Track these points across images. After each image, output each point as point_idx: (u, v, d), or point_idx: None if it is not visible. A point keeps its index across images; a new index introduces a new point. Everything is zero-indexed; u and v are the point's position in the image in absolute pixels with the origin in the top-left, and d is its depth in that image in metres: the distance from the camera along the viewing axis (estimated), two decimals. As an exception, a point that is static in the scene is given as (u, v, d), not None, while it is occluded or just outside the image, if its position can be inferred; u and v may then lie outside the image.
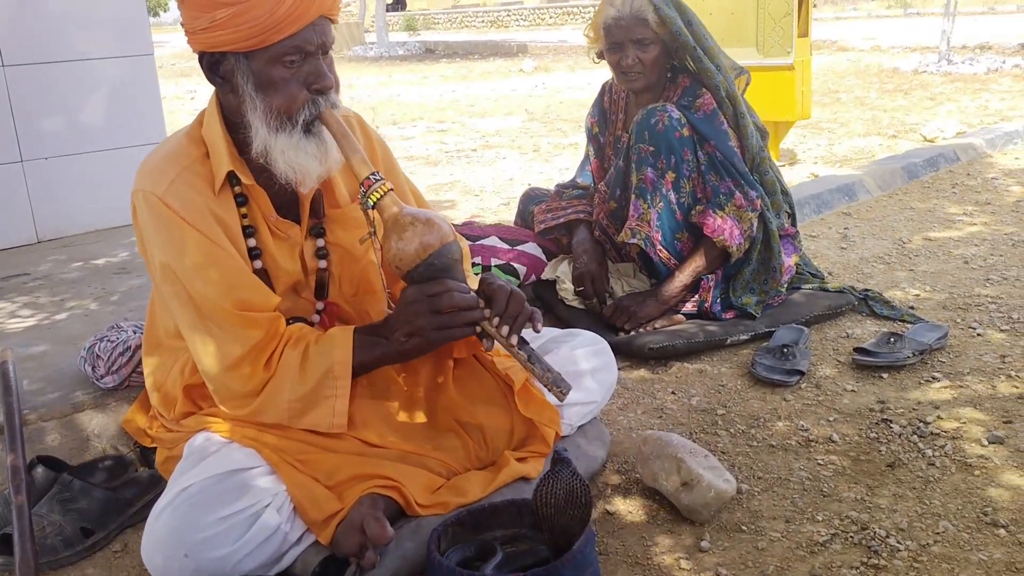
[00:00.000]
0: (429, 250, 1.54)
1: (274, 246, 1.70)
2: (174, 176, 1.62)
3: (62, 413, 2.02)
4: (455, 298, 1.56)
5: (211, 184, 1.64)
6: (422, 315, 1.57)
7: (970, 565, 1.54)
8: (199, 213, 1.61)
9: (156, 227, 1.61)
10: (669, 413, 2.20)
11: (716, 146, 2.57)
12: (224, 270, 1.61)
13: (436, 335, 1.59)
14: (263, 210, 1.68)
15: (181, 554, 1.47)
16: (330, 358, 1.61)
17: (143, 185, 1.63)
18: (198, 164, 1.64)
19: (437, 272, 1.57)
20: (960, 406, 2.12)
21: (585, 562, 1.49)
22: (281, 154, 1.58)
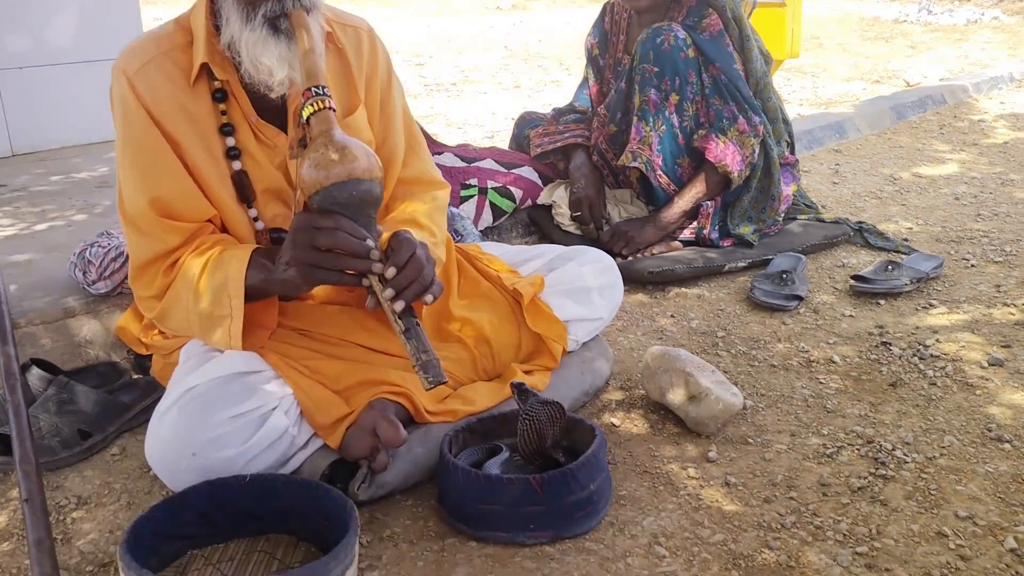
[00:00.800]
0: (332, 179, 1.38)
1: (257, 150, 1.60)
2: (149, 59, 1.53)
3: (53, 318, 1.96)
4: (338, 237, 1.39)
5: (188, 75, 1.55)
6: (302, 246, 1.41)
7: (977, 476, 1.56)
8: (163, 102, 1.53)
9: (118, 107, 1.55)
10: (669, 335, 2.19)
11: (721, 68, 2.53)
12: (153, 169, 1.53)
13: (309, 272, 1.42)
14: (244, 109, 1.58)
15: (189, 453, 1.44)
16: (225, 274, 1.49)
17: (119, 62, 1.55)
18: (178, 52, 1.55)
19: (335, 206, 1.40)
20: (958, 331, 2.14)
21: (599, 466, 1.49)
22: (245, 47, 1.48)
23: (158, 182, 1.53)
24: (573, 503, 1.44)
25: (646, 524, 1.47)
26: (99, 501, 1.57)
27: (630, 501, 1.53)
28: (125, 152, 1.55)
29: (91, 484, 1.62)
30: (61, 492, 1.59)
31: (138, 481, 1.63)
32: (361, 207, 1.42)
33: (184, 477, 1.45)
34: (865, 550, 1.38)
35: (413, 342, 1.39)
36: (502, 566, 1.38)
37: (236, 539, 1.42)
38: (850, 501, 1.50)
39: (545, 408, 1.53)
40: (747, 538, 1.42)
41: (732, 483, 1.57)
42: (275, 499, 1.41)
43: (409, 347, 1.39)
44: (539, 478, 1.42)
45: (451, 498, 1.48)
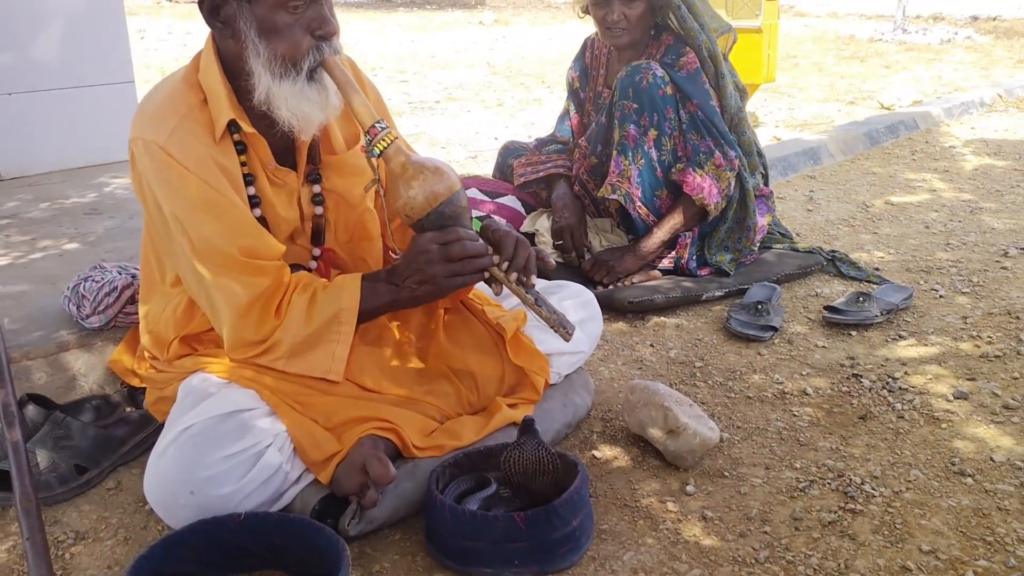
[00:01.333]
0: (440, 199, 1.56)
1: (272, 194, 1.69)
2: (175, 124, 1.59)
3: (47, 352, 2.00)
4: (466, 246, 1.59)
5: (211, 132, 1.61)
6: (435, 263, 1.59)
7: (940, 510, 1.64)
8: (202, 162, 1.59)
9: (159, 175, 1.58)
10: (648, 365, 2.27)
11: (698, 105, 2.62)
12: (229, 218, 1.60)
13: (448, 282, 1.61)
14: (262, 158, 1.67)
15: (187, 491, 1.49)
16: (338, 304, 1.63)
17: (143, 133, 1.59)
18: (197, 111, 1.62)
19: (446, 221, 1.59)
20: (926, 363, 2.22)
21: (581, 502, 1.55)
22: (284, 101, 1.56)
23: (240, 228, 1.60)
24: (556, 539, 1.50)
25: (626, 559, 1.53)
26: (96, 536, 1.62)
27: (611, 535, 1.60)
28: (191, 216, 1.58)
29: (88, 519, 1.67)
30: (59, 527, 1.64)
31: (134, 516, 1.68)
32: (463, 215, 1.62)
33: (182, 514, 1.50)
34: (834, 584, 1.45)
35: (545, 307, 1.64)
36: (488, 601, 1.44)
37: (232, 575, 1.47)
38: (820, 536, 1.58)
39: (538, 452, 1.59)
40: (723, 573, 1.49)
41: (709, 517, 1.64)
42: (269, 537, 1.47)
43: (544, 311, 1.64)
44: (523, 515, 1.48)
45: (438, 534, 1.54)
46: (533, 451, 1.59)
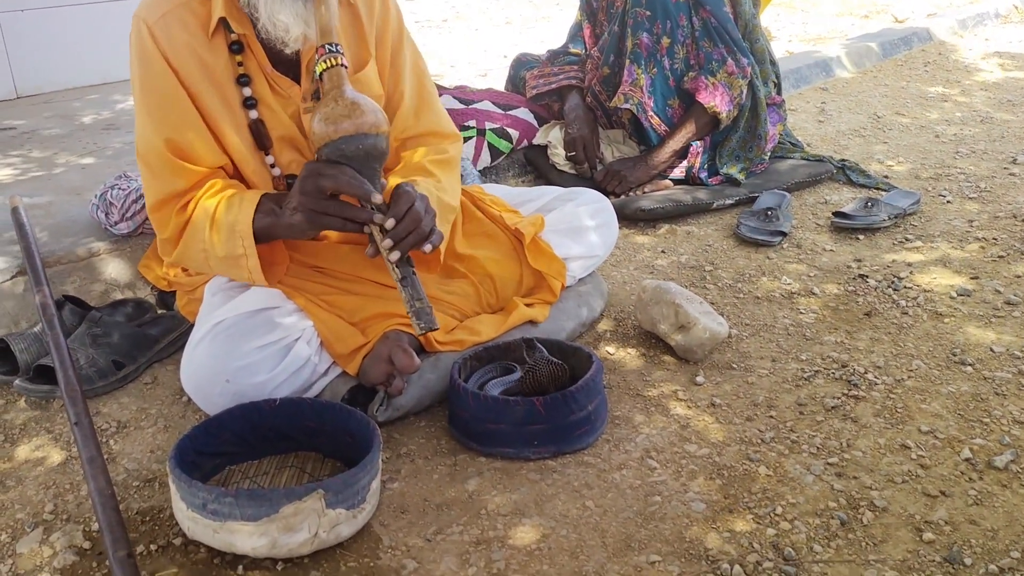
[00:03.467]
0: (340, 133, 1.48)
1: (272, 99, 1.69)
2: (168, 9, 1.61)
3: (79, 258, 2.07)
4: (341, 181, 1.50)
5: (206, 26, 1.62)
6: (308, 193, 1.52)
7: (940, 396, 1.71)
8: (180, 52, 1.60)
9: (136, 53, 1.62)
10: (659, 269, 2.33)
11: (711, 11, 2.62)
12: (173, 112, 1.61)
13: (315, 217, 1.52)
14: (259, 61, 1.66)
15: (223, 379, 1.58)
16: (235, 215, 1.58)
17: (140, 11, 1.62)
18: (196, 3, 1.62)
19: (342, 158, 1.50)
20: (931, 265, 2.28)
21: (596, 389, 1.63)
22: (264, 5, 1.55)
23: (174, 125, 1.61)
24: (573, 422, 1.58)
25: (639, 441, 1.62)
26: (137, 425, 1.71)
27: (624, 421, 1.68)
28: (143, 96, 1.62)
29: (128, 410, 1.76)
30: (101, 418, 1.73)
31: (171, 407, 1.77)
32: (367, 160, 1.51)
33: (218, 401, 1.59)
34: (836, 460, 1.53)
35: (408, 290, 1.50)
36: (509, 478, 1.53)
37: (268, 456, 1.57)
38: (824, 419, 1.66)
39: (549, 367, 1.67)
40: (730, 452, 1.57)
41: (717, 404, 1.72)
42: (303, 420, 1.55)
43: (404, 295, 1.50)
44: (542, 399, 1.56)
45: (461, 419, 1.62)
46: (545, 368, 1.68)
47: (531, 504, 1.46)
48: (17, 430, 1.70)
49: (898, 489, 1.46)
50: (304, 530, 1.30)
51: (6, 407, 1.77)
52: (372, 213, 1.51)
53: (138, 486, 1.53)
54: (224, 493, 1.28)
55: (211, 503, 1.29)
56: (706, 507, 1.44)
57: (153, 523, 1.44)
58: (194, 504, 1.31)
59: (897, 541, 1.35)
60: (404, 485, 1.52)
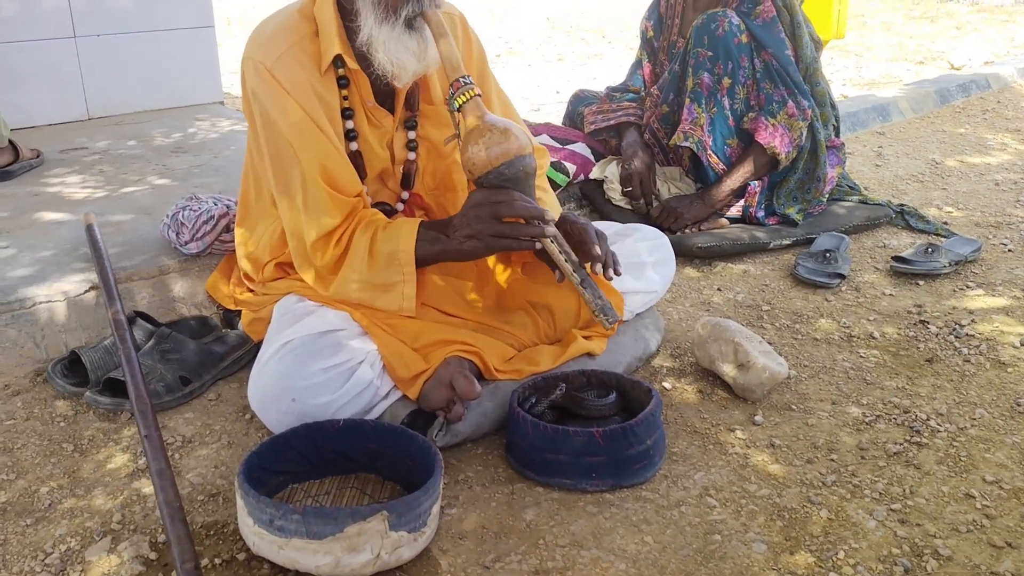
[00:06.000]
0: (501, 159, 1.58)
1: (369, 131, 1.78)
2: (284, 50, 1.69)
3: (149, 275, 2.13)
4: (516, 207, 1.60)
5: (317, 63, 1.70)
6: (483, 220, 1.61)
7: (1004, 446, 1.69)
8: (302, 89, 1.68)
9: (262, 94, 1.69)
10: (716, 307, 2.33)
11: (773, 54, 2.64)
12: (318, 145, 1.69)
13: (493, 242, 1.63)
14: (362, 95, 1.75)
15: (289, 398, 1.61)
16: (396, 245, 1.68)
17: (254, 54, 1.70)
18: (307, 41, 1.71)
19: (506, 181, 1.60)
20: (993, 313, 2.25)
21: (655, 423, 1.64)
22: (383, 45, 1.63)
23: (323, 153, 1.69)
24: (631, 456, 1.58)
25: (697, 478, 1.61)
26: (202, 440, 1.75)
27: (682, 458, 1.68)
28: (289, 131, 1.68)
29: (193, 425, 1.80)
30: (167, 432, 1.77)
31: (235, 424, 1.80)
32: (526, 179, 1.63)
33: (283, 420, 1.62)
34: (899, 507, 1.51)
35: (589, 291, 1.67)
36: (567, 509, 1.53)
37: (330, 476, 1.59)
38: (886, 464, 1.64)
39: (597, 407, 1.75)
40: (791, 493, 1.56)
41: (777, 444, 1.71)
42: (365, 442, 1.57)
43: (587, 295, 1.68)
44: (601, 431, 1.57)
45: (519, 447, 1.63)
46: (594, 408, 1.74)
47: (589, 537, 1.46)
48: (86, 441, 1.74)
49: (963, 538, 1.44)
50: (367, 551, 1.31)
51: (76, 418, 1.82)
52: (544, 227, 1.62)
53: (203, 500, 1.56)
54: (291, 510, 1.31)
55: (278, 519, 1.31)
56: (767, 548, 1.43)
57: (217, 537, 1.46)
58: (261, 520, 1.33)
59: (963, 591, 1.33)
60: (462, 511, 1.53)
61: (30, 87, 3.37)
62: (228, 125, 3.51)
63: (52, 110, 3.46)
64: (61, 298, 2.01)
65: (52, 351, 1.98)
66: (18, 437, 1.75)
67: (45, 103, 3.43)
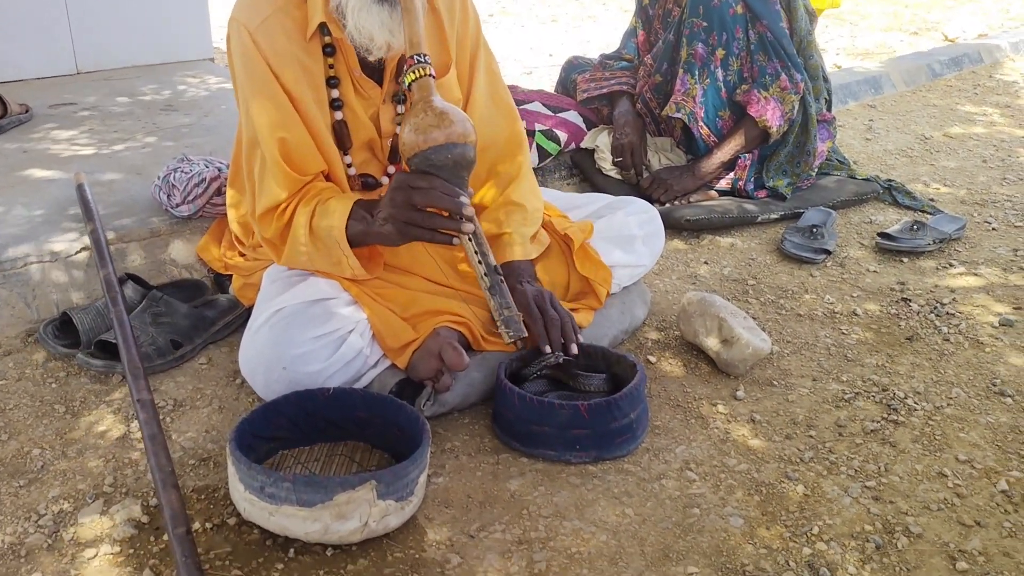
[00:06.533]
0: (429, 143, 1.51)
1: (355, 101, 1.75)
2: (268, 14, 1.67)
3: (140, 236, 2.13)
4: (432, 196, 1.53)
5: (303, 29, 1.68)
6: (397, 204, 1.56)
7: (979, 426, 1.73)
8: (283, 57, 1.67)
9: (241, 58, 1.68)
10: (702, 280, 2.35)
11: (768, 25, 2.63)
12: (283, 118, 1.67)
13: (406, 229, 1.57)
14: (349, 64, 1.72)
15: (280, 367, 1.63)
16: (330, 220, 1.65)
17: (239, 15, 1.69)
18: (292, 6, 1.68)
19: (431, 167, 1.53)
20: (974, 292, 2.29)
21: (638, 397, 1.67)
22: (351, 12, 1.60)
23: (284, 126, 1.67)
24: (615, 429, 1.62)
25: (679, 452, 1.65)
26: (193, 404, 1.77)
27: (664, 431, 1.72)
28: (254, 97, 1.67)
29: (184, 389, 1.82)
30: (159, 395, 1.79)
31: (226, 388, 1.83)
32: (455, 169, 1.54)
33: (274, 387, 1.65)
34: (873, 484, 1.56)
35: (497, 298, 1.57)
36: (551, 480, 1.57)
37: (319, 443, 1.62)
38: (863, 442, 1.68)
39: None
40: (769, 468, 1.61)
41: (757, 420, 1.75)
42: (354, 410, 1.60)
43: (493, 303, 1.57)
44: (586, 405, 1.60)
45: (505, 418, 1.66)
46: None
47: (572, 508, 1.50)
48: (78, 402, 1.77)
49: (933, 516, 1.49)
50: (355, 519, 1.35)
51: (67, 379, 1.84)
52: (463, 223, 1.55)
53: (194, 464, 1.59)
54: (282, 478, 1.34)
55: (268, 486, 1.34)
56: (744, 522, 1.47)
57: (208, 501, 1.50)
58: (252, 487, 1.36)
59: (931, 568, 1.38)
60: (448, 480, 1.57)
61: (19, 41, 3.33)
62: (217, 83, 3.48)
63: (41, 64, 3.41)
64: (52, 258, 2.01)
65: (44, 311, 1.99)
66: (10, 398, 1.77)
67: (34, 57, 3.39)
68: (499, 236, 1.90)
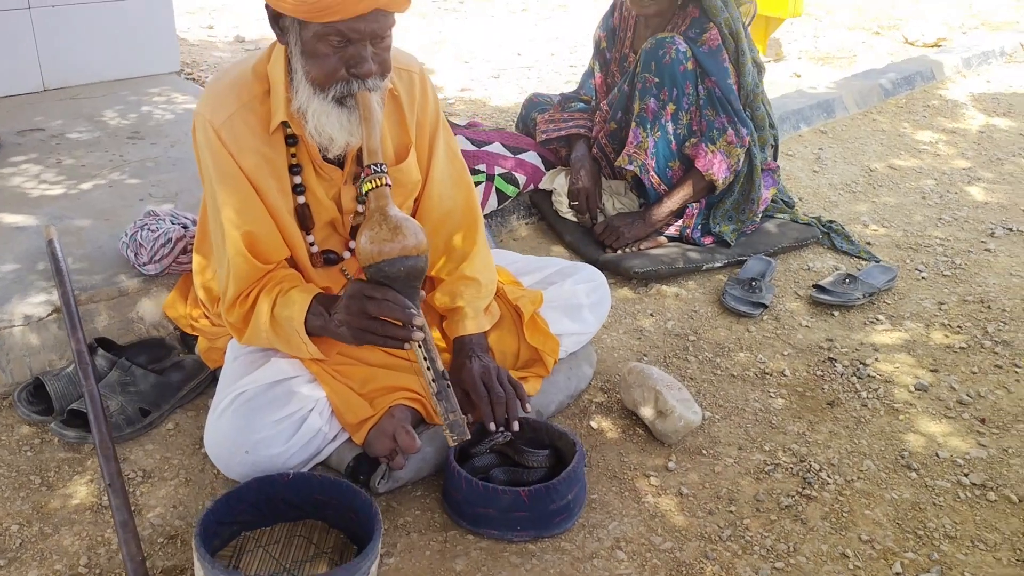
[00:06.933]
0: (383, 256, 1.62)
1: (317, 184, 1.86)
2: (233, 111, 1.76)
3: (109, 296, 2.23)
4: (384, 307, 1.65)
5: (266, 123, 1.77)
6: (353, 311, 1.68)
7: (883, 502, 1.91)
8: (246, 151, 1.77)
9: (207, 151, 1.78)
10: (647, 336, 2.50)
11: (717, 82, 2.75)
12: (247, 207, 1.78)
13: (360, 334, 1.70)
14: (311, 153, 1.82)
15: (243, 451, 1.76)
16: (290, 312, 1.77)
17: (204, 111, 1.78)
18: (257, 102, 1.78)
19: (385, 278, 1.64)
20: (896, 351, 2.45)
21: (576, 479, 1.82)
22: (313, 116, 1.70)
23: (249, 219, 1.79)
24: (553, 511, 1.77)
25: (611, 528, 1.81)
26: (161, 476, 1.89)
27: (600, 505, 1.87)
28: (222, 189, 1.77)
29: (152, 458, 1.94)
30: (128, 465, 1.91)
31: (192, 458, 1.95)
32: (408, 279, 1.66)
33: (238, 469, 1.77)
34: (782, 566, 1.73)
35: (443, 403, 1.69)
36: (493, 559, 1.72)
37: (280, 523, 1.75)
38: (777, 518, 1.85)
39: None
40: (690, 548, 1.77)
41: (684, 493, 1.91)
42: (312, 493, 1.74)
43: (440, 407, 1.69)
44: (527, 491, 1.75)
45: (454, 499, 1.81)
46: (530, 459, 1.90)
47: (510, 588, 1.66)
48: (52, 473, 1.88)
49: (833, 598, 1.67)
50: (311, 612, 1.49)
51: (41, 447, 1.95)
52: (412, 331, 1.67)
53: (162, 543, 1.72)
54: (244, 578, 1.47)
55: (231, 584, 1.48)
56: (663, 607, 1.64)
57: (176, 584, 1.63)
58: (216, 582, 1.50)
59: (825, 654, 1.55)
60: (399, 560, 1.71)
61: (-15, 58, 3.37)
62: (183, 102, 3.54)
63: (8, 82, 3.45)
64: (25, 322, 2.11)
65: (17, 375, 2.09)
66: (-12, 467, 1.89)
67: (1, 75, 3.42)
68: (453, 310, 2.03)
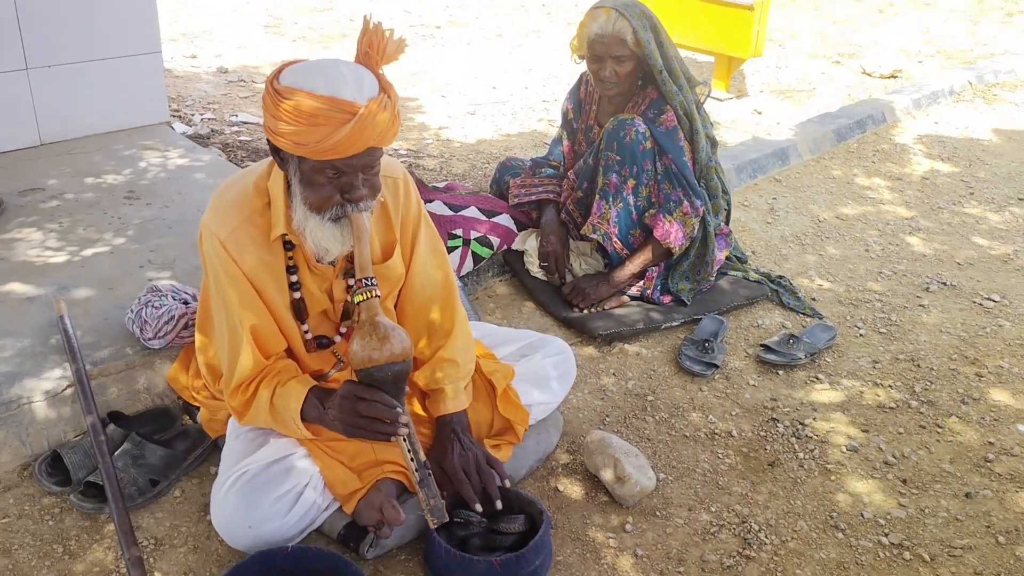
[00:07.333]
0: (372, 363, 1.87)
1: (311, 281, 2.09)
2: (236, 225, 1.99)
3: (117, 370, 2.44)
4: (375, 409, 1.90)
5: (267, 234, 2.00)
6: (346, 410, 1.93)
7: (812, 562, 2.17)
8: (250, 262, 2.00)
9: (215, 258, 2.00)
10: (609, 396, 2.75)
11: (672, 159, 3.00)
12: (255, 312, 2.03)
13: (351, 430, 1.94)
14: (306, 256, 2.05)
15: (246, 526, 1.99)
16: (288, 402, 2.00)
17: (210, 224, 2.00)
18: (257, 215, 2.00)
19: (375, 382, 1.89)
20: (832, 410, 2.72)
21: (544, 546, 2.06)
22: (311, 232, 1.93)
23: (256, 315, 2.02)
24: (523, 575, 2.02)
25: (573, 589, 2.06)
26: (171, 543, 2.12)
27: (564, 567, 2.12)
28: (232, 290, 2.00)
29: (163, 526, 2.16)
30: (141, 532, 2.13)
31: (198, 524, 2.17)
32: (395, 382, 1.91)
33: (242, 541, 2.01)
34: (721, 624, 1.99)
35: (425, 490, 1.93)
36: (469, 620, 1.96)
37: (280, 592, 1.98)
38: (719, 579, 2.11)
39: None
40: (642, 608, 2.02)
41: (639, 555, 2.16)
42: (310, 564, 1.97)
43: (421, 493, 1.93)
44: (499, 560, 1.99)
45: (435, 566, 2.04)
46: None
47: (484, 648, 1.90)
48: (73, 541, 2.10)
49: (764, 654, 1.92)
50: (312, 678, 1.72)
51: (62, 515, 2.17)
52: (397, 427, 1.93)
53: (177, 610, 1.95)
54: (254, 650, 1.70)
55: (243, 654, 1.71)
56: (617, 664, 1.88)
57: (191, 649, 1.86)
58: (229, 652, 1.73)
59: None
60: (387, 623, 1.95)
61: (-14, 118, 3.55)
62: (176, 156, 3.73)
63: (6, 139, 3.62)
64: (43, 398, 2.31)
65: (36, 447, 2.30)
66: (14, 536, 2.09)
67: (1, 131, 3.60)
68: (435, 390, 2.26)
